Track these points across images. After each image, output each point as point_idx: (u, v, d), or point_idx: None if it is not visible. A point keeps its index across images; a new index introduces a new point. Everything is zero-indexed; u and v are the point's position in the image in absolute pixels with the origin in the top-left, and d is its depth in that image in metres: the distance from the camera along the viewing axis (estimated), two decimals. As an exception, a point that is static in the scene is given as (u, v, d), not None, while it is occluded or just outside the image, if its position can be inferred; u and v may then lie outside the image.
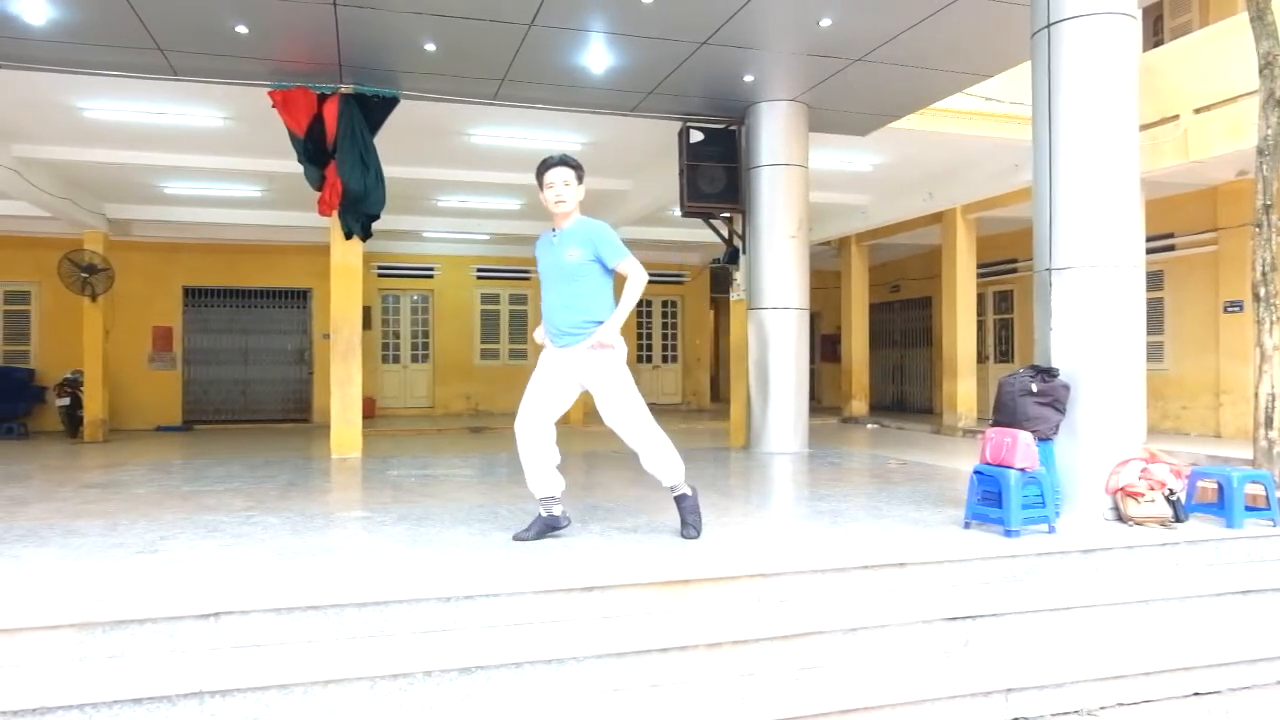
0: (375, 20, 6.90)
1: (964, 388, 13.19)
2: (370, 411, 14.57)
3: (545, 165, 4.40)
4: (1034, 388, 4.90)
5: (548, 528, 4.40)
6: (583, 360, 4.31)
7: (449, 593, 3.42)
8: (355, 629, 3.30)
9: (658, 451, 4.38)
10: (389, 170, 8.50)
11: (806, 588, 3.85)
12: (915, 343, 17.53)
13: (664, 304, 18.73)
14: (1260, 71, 5.67)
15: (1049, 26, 5.20)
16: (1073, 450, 4.96)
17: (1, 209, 11.49)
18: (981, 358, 14.70)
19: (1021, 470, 4.46)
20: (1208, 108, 9.12)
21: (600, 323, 4.29)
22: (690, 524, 4.41)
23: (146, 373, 14.73)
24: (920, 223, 13.90)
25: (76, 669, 2.99)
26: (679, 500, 4.47)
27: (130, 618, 3.12)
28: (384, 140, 8.46)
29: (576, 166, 4.38)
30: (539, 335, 4.52)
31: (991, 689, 3.41)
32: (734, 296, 9.81)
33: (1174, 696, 3.65)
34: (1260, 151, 5.61)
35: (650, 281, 4.50)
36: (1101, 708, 3.53)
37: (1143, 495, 4.69)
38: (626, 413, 4.35)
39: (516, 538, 4.35)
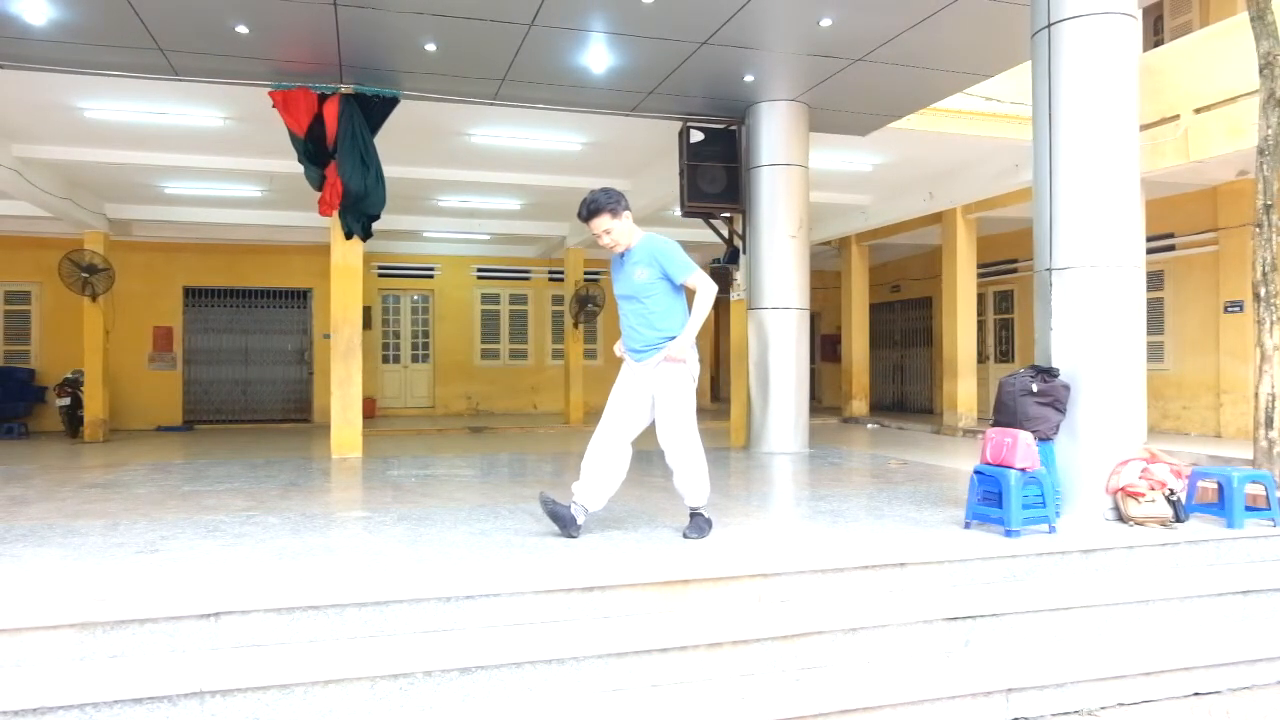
0: (375, 20, 6.90)
1: (964, 388, 13.18)
2: (370, 411, 14.58)
3: (580, 218, 4.47)
4: (1034, 388, 4.90)
5: (566, 521, 4.41)
6: (656, 373, 4.40)
7: (449, 593, 3.43)
8: (355, 629, 3.30)
9: (694, 474, 4.46)
10: (389, 170, 8.51)
11: (807, 588, 3.85)
12: (915, 343, 17.52)
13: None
14: (1260, 71, 5.67)
15: (1049, 26, 5.20)
16: (1073, 450, 4.96)
17: (2, 209, 11.49)
18: (981, 358, 14.69)
19: (1022, 470, 4.46)
20: (1208, 108, 9.11)
21: (673, 337, 4.37)
22: (697, 528, 4.47)
23: (147, 373, 14.73)
24: (920, 223, 13.90)
25: (77, 669, 2.99)
26: (694, 511, 4.55)
27: (130, 618, 3.12)
28: (384, 140, 8.46)
29: (608, 208, 4.36)
30: (619, 350, 4.60)
31: (992, 689, 3.41)
32: (734, 296, 9.81)
33: (1174, 696, 3.65)
34: (1260, 151, 5.61)
35: None
36: (1102, 708, 3.54)
37: (1143, 495, 4.69)
38: (678, 429, 4.41)
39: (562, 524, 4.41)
